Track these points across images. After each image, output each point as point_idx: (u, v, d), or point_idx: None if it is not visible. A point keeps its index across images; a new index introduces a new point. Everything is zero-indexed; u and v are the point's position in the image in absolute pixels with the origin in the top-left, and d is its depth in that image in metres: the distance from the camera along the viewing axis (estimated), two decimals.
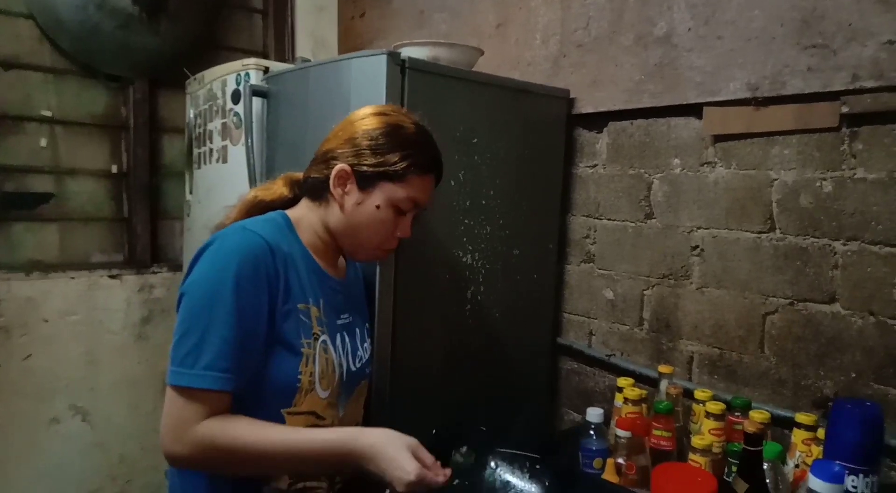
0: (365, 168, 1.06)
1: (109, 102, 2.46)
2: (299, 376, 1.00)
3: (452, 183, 1.60)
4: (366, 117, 1.10)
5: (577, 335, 1.93)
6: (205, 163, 2.22)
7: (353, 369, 1.14)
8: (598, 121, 1.85)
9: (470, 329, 1.67)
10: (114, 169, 2.49)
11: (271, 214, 1.10)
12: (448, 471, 0.93)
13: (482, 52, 1.78)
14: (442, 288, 1.61)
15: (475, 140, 1.63)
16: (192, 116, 2.33)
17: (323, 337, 1.06)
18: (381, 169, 1.06)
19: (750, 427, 1.07)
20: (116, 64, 2.37)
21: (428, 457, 0.92)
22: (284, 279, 1.00)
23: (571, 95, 1.87)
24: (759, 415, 1.25)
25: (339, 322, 1.14)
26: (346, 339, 1.14)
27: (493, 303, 1.71)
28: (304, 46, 2.72)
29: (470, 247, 1.65)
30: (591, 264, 1.89)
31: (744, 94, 1.50)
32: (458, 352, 1.65)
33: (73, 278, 2.36)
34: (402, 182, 1.07)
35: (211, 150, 2.16)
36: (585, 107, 1.86)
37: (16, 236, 2.31)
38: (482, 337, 1.70)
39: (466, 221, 1.63)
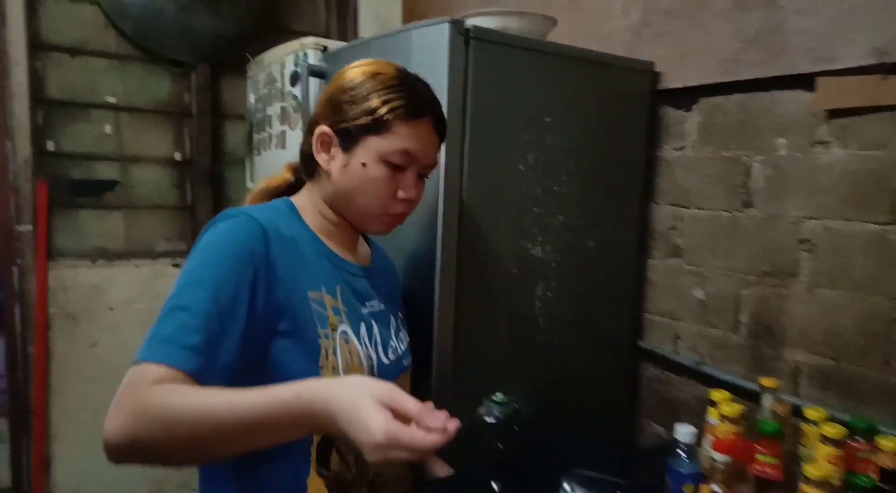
0: (344, 124, 0.94)
1: (173, 88, 2.43)
2: (320, 372, 0.87)
3: (521, 167, 1.44)
4: (345, 72, 0.98)
5: (660, 339, 1.73)
6: (264, 149, 2.15)
7: (386, 362, 1.01)
8: (686, 97, 1.64)
9: (539, 328, 1.51)
10: (177, 156, 2.46)
11: (275, 201, 1.01)
12: (452, 423, 0.65)
13: (555, 22, 1.61)
14: (508, 282, 1.45)
15: (547, 119, 1.47)
16: (252, 100, 2.26)
17: (342, 327, 0.93)
18: (362, 121, 0.92)
19: (887, 461, 0.87)
20: (179, 48, 2.34)
21: (410, 403, 0.65)
22: (285, 264, 0.88)
23: (656, 69, 1.67)
24: (890, 443, 1.03)
25: (366, 311, 1.01)
26: (375, 329, 1.01)
27: (565, 300, 1.54)
28: (367, 27, 2.61)
29: (540, 238, 1.48)
30: (678, 258, 1.68)
31: (867, 60, 1.26)
32: (525, 352, 1.49)
33: (137, 266, 2.35)
34: (387, 132, 0.92)
35: (270, 135, 2.09)
36: (672, 81, 1.65)
37: (82, 224, 2.31)
38: (553, 337, 1.54)
39: (536, 209, 1.47)
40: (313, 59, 1.82)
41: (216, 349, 0.76)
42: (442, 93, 1.31)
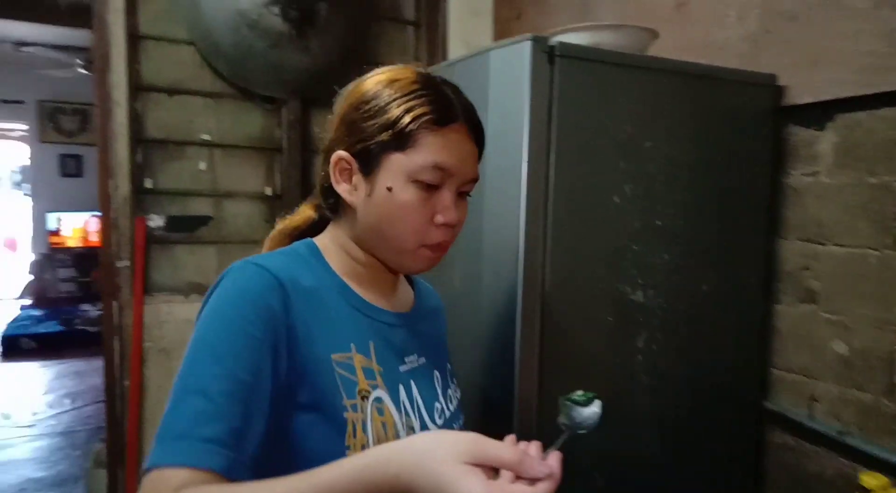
0: (362, 145, 0.78)
1: (265, 123, 2.45)
2: (347, 452, 0.72)
3: (616, 199, 1.25)
4: (358, 85, 0.83)
5: (792, 401, 1.45)
6: None
7: (432, 427, 0.84)
8: (818, 113, 1.39)
9: (642, 386, 1.30)
10: (268, 191, 2.47)
11: (294, 244, 0.85)
12: (554, 459, 0.58)
13: (657, 35, 1.42)
14: (603, 333, 1.26)
15: (647, 144, 1.27)
16: None
17: (376, 393, 0.77)
18: (382, 137, 0.77)
19: None
20: (270, 84, 2.35)
21: (504, 453, 0.56)
22: (304, 321, 0.74)
23: (779, 82, 1.43)
24: None
25: (405, 368, 0.84)
26: (416, 389, 0.84)
27: (672, 353, 1.32)
28: (457, 54, 2.52)
29: (641, 281, 1.28)
30: (813, 304, 1.41)
31: None
32: (625, 414, 1.28)
33: None
34: (412, 146, 0.77)
35: None
36: (800, 95, 1.40)
37: (177, 259, 2.35)
38: (658, 397, 1.32)
39: (636, 247, 1.27)
40: None
41: (243, 437, 0.64)
42: (523, 118, 1.16)
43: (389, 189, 0.77)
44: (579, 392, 0.73)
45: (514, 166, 1.18)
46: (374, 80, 0.81)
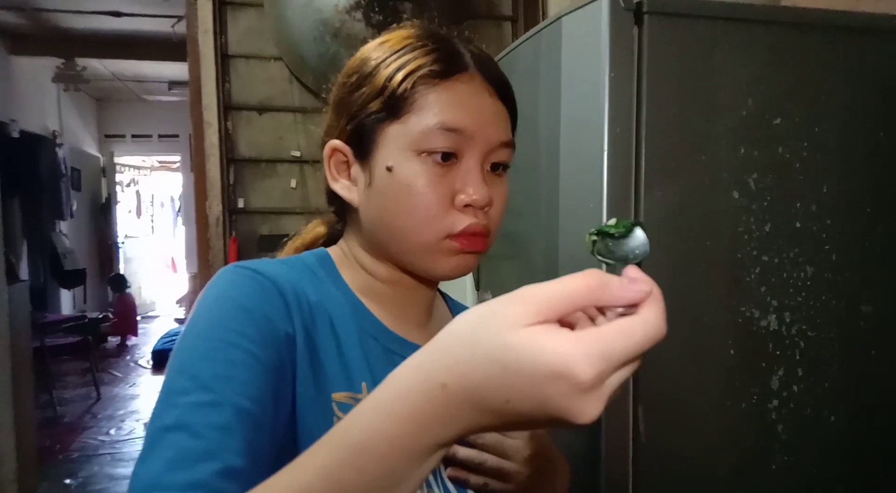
0: (353, 124, 0.61)
1: None
2: None
3: (736, 195, 0.96)
4: (348, 61, 0.66)
5: None
6: None
7: None
8: None
9: (779, 443, 0.98)
10: None
11: (302, 253, 0.68)
12: (634, 272, 0.37)
13: None
14: (723, 371, 0.96)
15: (777, 121, 0.97)
16: None
17: None
18: (373, 107, 0.60)
19: None
20: None
21: (576, 287, 0.35)
22: (305, 345, 0.57)
23: None
24: None
25: None
26: None
27: (821, 397, 0.99)
28: None
29: (774, 302, 0.97)
30: None
31: None
32: (758, 473, 0.97)
33: None
34: (408, 110, 0.58)
35: None
36: None
37: None
38: (803, 454, 0.99)
39: (765, 257, 0.97)
40: None
41: (246, 479, 0.46)
42: (602, 96, 0.91)
43: (389, 169, 0.59)
44: (612, 221, 0.47)
45: (594, 158, 0.93)
46: (362, 49, 0.65)
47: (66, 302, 6.14)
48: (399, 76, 0.58)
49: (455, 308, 0.77)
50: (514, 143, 0.62)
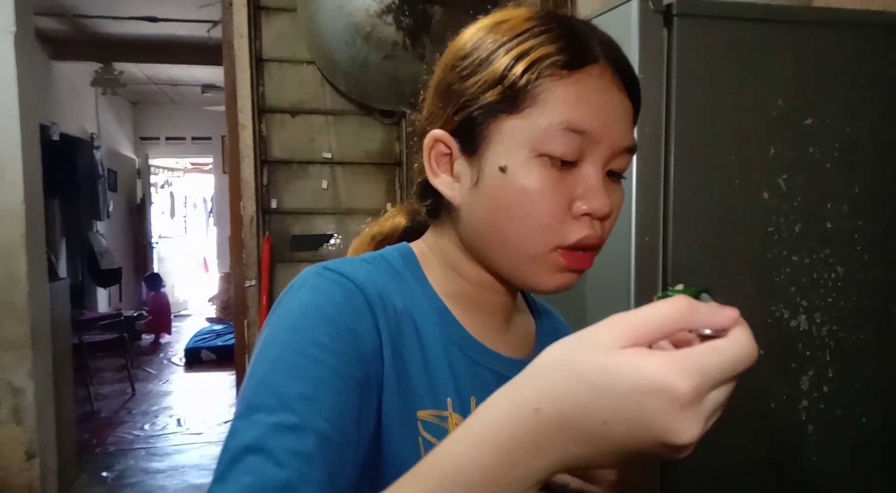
0: (462, 114, 0.55)
1: (384, 138, 2.39)
2: None
3: (766, 195, 0.96)
4: (453, 42, 0.59)
5: None
6: None
7: None
8: None
9: (809, 443, 0.98)
10: (389, 207, 2.39)
11: (385, 249, 0.64)
12: (731, 312, 0.36)
13: None
14: (754, 371, 0.96)
15: (808, 121, 0.97)
16: None
17: None
18: (486, 98, 0.53)
19: None
20: (387, 97, 2.28)
21: (666, 313, 0.35)
22: (392, 357, 0.54)
23: None
24: None
25: None
26: None
27: (852, 397, 0.99)
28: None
29: (804, 302, 0.97)
30: None
31: None
32: (789, 473, 0.97)
33: None
34: (530, 104, 0.52)
35: None
36: None
37: None
38: (834, 457, 0.98)
39: (794, 257, 0.97)
40: None
41: None
42: None
43: (503, 169, 0.53)
44: (679, 286, 0.47)
45: None
46: (475, 28, 0.58)
47: (103, 300, 6.30)
48: (521, 65, 0.52)
49: (542, 310, 0.72)
50: (636, 147, 0.56)
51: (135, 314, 6.26)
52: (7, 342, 2.33)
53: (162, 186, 8.82)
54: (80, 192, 5.41)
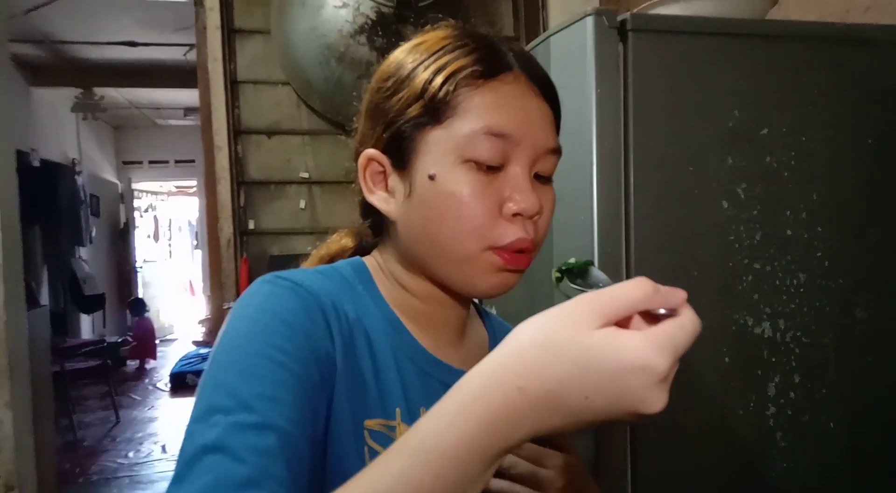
0: (390, 131, 0.57)
1: None
2: None
3: (725, 204, 0.97)
4: (380, 66, 0.62)
5: None
6: None
7: None
8: None
9: (777, 449, 0.98)
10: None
11: (337, 263, 0.64)
12: (682, 293, 0.40)
13: (775, 1, 1.13)
14: (718, 379, 0.97)
15: (764, 131, 0.99)
16: None
17: None
18: (412, 112, 0.56)
19: None
20: None
21: (635, 292, 0.39)
22: (342, 366, 0.54)
23: None
24: None
25: None
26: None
27: (819, 403, 1.00)
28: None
29: (767, 309, 0.98)
30: None
31: None
32: (757, 480, 0.98)
33: None
34: (451, 114, 0.55)
35: None
36: None
37: None
38: (802, 462, 0.99)
39: (756, 265, 0.98)
40: None
41: None
42: (590, 111, 0.94)
43: (432, 178, 0.55)
44: (571, 260, 0.53)
45: (584, 171, 0.96)
46: (397, 52, 0.61)
47: (86, 327, 6.23)
48: (440, 78, 0.55)
49: (494, 325, 0.72)
50: (560, 149, 0.58)
51: (119, 340, 6.17)
52: None
53: (146, 210, 8.77)
54: (62, 218, 5.37)
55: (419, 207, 0.56)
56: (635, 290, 0.38)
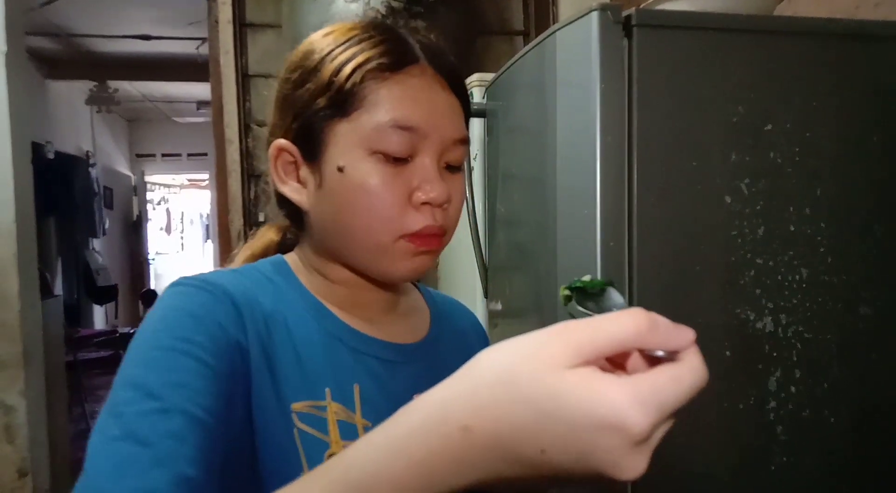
0: (298, 123, 0.58)
1: None
2: None
3: (728, 199, 0.98)
4: (288, 55, 0.63)
5: None
6: None
7: None
8: None
9: (778, 444, 0.99)
10: None
11: (257, 262, 0.65)
12: (689, 334, 0.34)
13: None
14: (719, 373, 0.98)
15: (768, 126, 0.99)
16: None
17: None
18: (318, 104, 0.57)
19: None
20: None
21: (622, 328, 0.32)
22: (260, 355, 0.54)
23: None
24: None
25: None
26: None
27: (822, 397, 1.00)
28: None
29: (769, 304, 0.99)
30: None
31: None
32: (758, 474, 0.98)
33: None
34: (358, 106, 0.56)
35: None
36: None
37: None
38: (803, 458, 0.99)
39: (759, 260, 0.98)
40: (478, 97, 1.58)
41: (199, 489, 0.43)
42: (594, 106, 0.95)
43: (341, 169, 0.56)
44: (586, 277, 0.46)
45: (587, 166, 0.96)
46: (305, 42, 0.62)
47: (99, 318, 6.31)
48: (346, 70, 0.55)
49: (436, 300, 0.74)
50: (468, 139, 0.60)
51: (131, 331, 6.23)
52: None
53: (158, 203, 8.85)
54: (76, 209, 5.44)
55: (330, 199, 0.57)
56: (626, 324, 0.32)
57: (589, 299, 0.45)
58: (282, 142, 0.60)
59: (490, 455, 0.32)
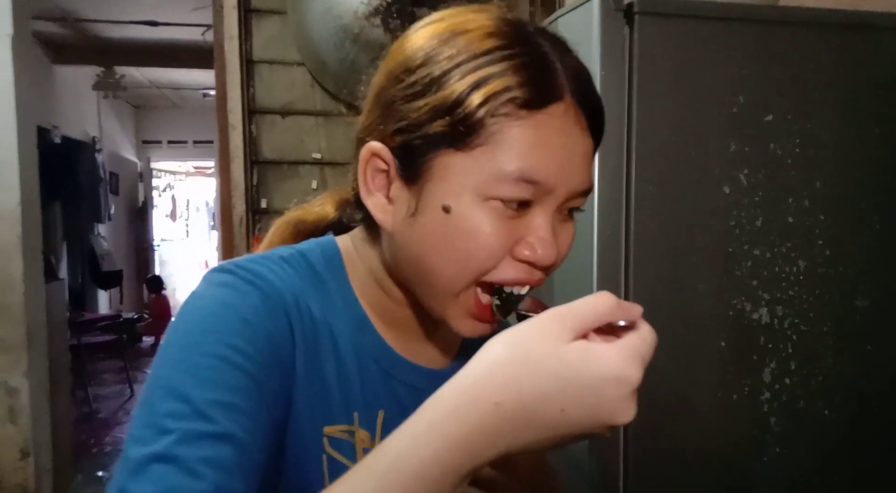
0: (404, 138, 0.49)
1: None
2: None
3: (727, 190, 0.98)
4: (400, 43, 0.52)
5: None
6: None
7: None
8: None
9: (772, 434, 0.99)
10: None
11: (307, 243, 0.58)
12: (639, 307, 0.40)
13: None
14: (714, 363, 0.98)
15: (769, 117, 0.99)
16: None
17: None
18: (433, 128, 0.47)
19: None
20: None
21: (599, 305, 0.39)
22: (302, 369, 0.50)
23: None
24: None
25: None
26: None
27: (815, 389, 1.00)
28: None
29: (766, 295, 0.99)
30: None
31: None
32: (751, 464, 0.99)
33: None
34: (483, 143, 0.46)
35: None
36: None
37: None
38: (796, 448, 1.00)
39: (756, 251, 0.98)
40: None
41: None
42: None
43: (447, 209, 0.48)
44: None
45: None
46: (428, 32, 0.51)
47: (104, 302, 6.34)
48: (477, 98, 0.46)
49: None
50: (591, 188, 0.51)
51: (135, 316, 6.29)
52: (2, 343, 2.36)
53: (164, 190, 8.87)
54: (82, 194, 5.45)
55: (423, 233, 0.49)
56: (600, 304, 0.39)
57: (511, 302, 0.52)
58: (378, 146, 0.51)
59: (519, 424, 0.37)
